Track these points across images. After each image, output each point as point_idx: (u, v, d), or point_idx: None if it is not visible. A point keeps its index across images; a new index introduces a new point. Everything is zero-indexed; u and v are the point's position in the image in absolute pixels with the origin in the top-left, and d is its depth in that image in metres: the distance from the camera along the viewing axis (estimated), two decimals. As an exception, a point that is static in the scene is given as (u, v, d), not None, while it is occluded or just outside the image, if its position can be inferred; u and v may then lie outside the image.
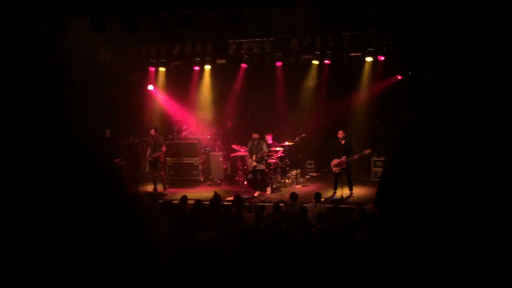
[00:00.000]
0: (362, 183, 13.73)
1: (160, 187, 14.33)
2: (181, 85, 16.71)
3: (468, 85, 9.96)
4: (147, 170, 14.70)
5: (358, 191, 13.09)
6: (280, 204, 10.61)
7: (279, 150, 14.61)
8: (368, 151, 12.83)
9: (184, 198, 10.96)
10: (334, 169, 12.91)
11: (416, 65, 13.60)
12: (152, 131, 14.52)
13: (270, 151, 14.23)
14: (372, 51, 14.16)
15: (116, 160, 14.69)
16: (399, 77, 14.58)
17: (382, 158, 14.45)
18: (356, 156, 12.81)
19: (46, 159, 0.65)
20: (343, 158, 12.75)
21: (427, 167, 0.72)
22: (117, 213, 0.68)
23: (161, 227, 7.93)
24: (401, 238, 0.74)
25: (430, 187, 0.70)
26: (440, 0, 10.82)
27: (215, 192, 11.67)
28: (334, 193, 12.94)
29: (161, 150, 14.44)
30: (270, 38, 14.92)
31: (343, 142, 12.88)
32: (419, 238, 0.71)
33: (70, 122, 13.13)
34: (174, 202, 11.14)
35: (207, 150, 16.24)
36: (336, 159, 12.85)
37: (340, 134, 12.89)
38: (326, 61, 14.89)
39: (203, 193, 13.55)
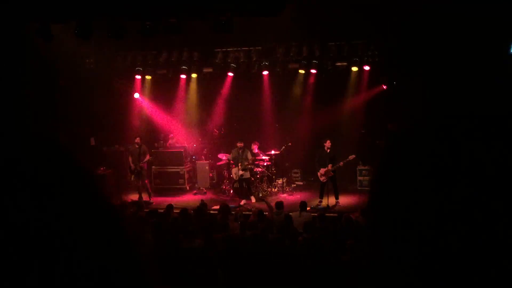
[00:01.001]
0: (347, 192, 13.74)
1: (145, 196, 14.18)
2: (168, 94, 16.64)
3: (453, 93, 10.04)
4: (132, 179, 14.55)
5: (344, 200, 13.09)
6: (265, 213, 10.55)
7: (265, 159, 14.58)
8: (352, 156, 12.86)
9: (170, 207, 10.84)
10: (321, 178, 12.92)
11: (401, 75, 13.71)
12: (137, 140, 14.38)
13: (255, 160, 14.20)
14: (358, 61, 14.25)
15: (101, 168, 14.52)
16: (384, 87, 14.67)
17: (367, 167, 14.49)
18: (341, 163, 12.83)
19: (28, 167, 0.64)
20: (329, 166, 12.77)
21: (419, 174, 0.71)
22: (97, 222, 0.67)
23: (145, 236, 7.81)
24: (397, 246, 0.72)
25: (425, 194, 0.69)
26: (425, 11, 10.92)
27: (202, 200, 11.59)
28: (320, 201, 12.94)
29: (149, 160, 14.37)
30: (257, 47, 14.94)
31: (328, 151, 12.92)
32: (416, 245, 0.69)
33: (55, 129, 12.95)
34: (159, 211, 11.01)
35: (193, 158, 16.15)
36: (322, 168, 12.86)
37: (328, 143, 12.92)
38: (312, 70, 14.93)
39: (189, 201, 13.43)
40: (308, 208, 11.15)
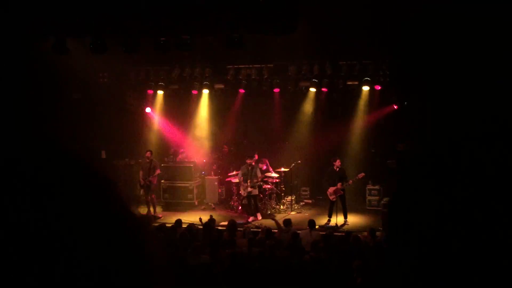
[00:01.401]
0: (356, 211, 13.68)
1: (153, 210, 14.24)
2: (179, 109, 16.76)
3: (463, 113, 10.02)
4: (141, 193, 14.62)
5: (353, 219, 13.04)
6: (273, 230, 10.55)
7: (274, 176, 14.58)
8: (362, 174, 12.84)
9: (178, 222, 10.89)
10: (331, 197, 12.87)
11: (412, 95, 13.72)
12: (148, 154, 14.48)
13: (265, 177, 14.20)
14: (369, 80, 14.28)
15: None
16: (395, 107, 14.67)
17: (377, 187, 14.44)
18: (350, 181, 12.82)
19: (29, 167, 0.65)
20: (338, 185, 12.75)
21: (428, 196, 0.73)
22: (118, 229, 0.68)
23: (157, 249, 7.84)
24: (407, 267, 0.74)
25: (434, 216, 0.71)
26: (436, 33, 10.99)
27: (211, 216, 11.62)
28: (329, 220, 12.89)
29: (158, 175, 14.46)
30: (269, 65, 15.05)
31: (337, 170, 12.91)
32: (426, 265, 0.71)
33: (67, 141, 13.08)
34: (167, 225, 11.07)
35: (203, 174, 16.18)
36: (331, 187, 12.84)
37: (338, 162, 12.93)
38: (323, 89, 14.99)
39: (197, 217, 13.43)
40: (316, 227, 11.12)
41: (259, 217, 13.62)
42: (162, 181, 15.45)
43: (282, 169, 14.88)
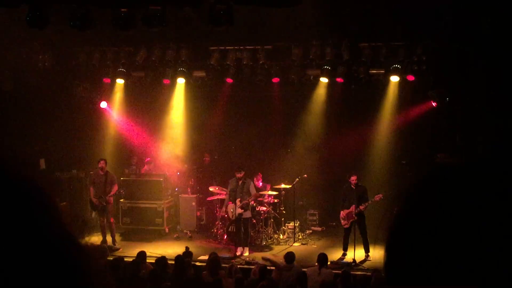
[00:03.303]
0: (381, 242, 13.64)
1: (109, 239, 14.15)
2: (145, 104, 16.73)
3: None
4: (93, 215, 14.54)
5: (377, 253, 13.00)
6: (269, 268, 10.54)
7: (271, 195, 14.55)
8: (379, 196, 12.83)
9: (142, 255, 10.85)
10: (343, 222, 12.96)
11: (458, 88, 13.73)
12: (102, 163, 14.39)
13: (259, 195, 14.17)
14: (399, 68, 14.30)
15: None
16: (434, 104, 14.70)
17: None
18: (362, 207, 12.79)
19: None
20: (352, 207, 12.80)
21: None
22: (54, 262, 0.70)
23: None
24: None
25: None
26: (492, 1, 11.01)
27: (186, 248, 11.58)
28: (344, 254, 12.92)
29: (119, 192, 14.37)
30: (265, 46, 15.03)
31: (354, 187, 12.95)
32: None
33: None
34: (126, 259, 11.02)
35: (176, 191, 16.17)
36: (345, 210, 12.89)
37: (354, 178, 12.94)
38: (339, 79, 15.00)
39: (167, 249, 13.41)
40: (328, 263, 11.13)
41: (245, 252, 13.53)
42: (121, 200, 15.41)
43: (283, 186, 14.86)
